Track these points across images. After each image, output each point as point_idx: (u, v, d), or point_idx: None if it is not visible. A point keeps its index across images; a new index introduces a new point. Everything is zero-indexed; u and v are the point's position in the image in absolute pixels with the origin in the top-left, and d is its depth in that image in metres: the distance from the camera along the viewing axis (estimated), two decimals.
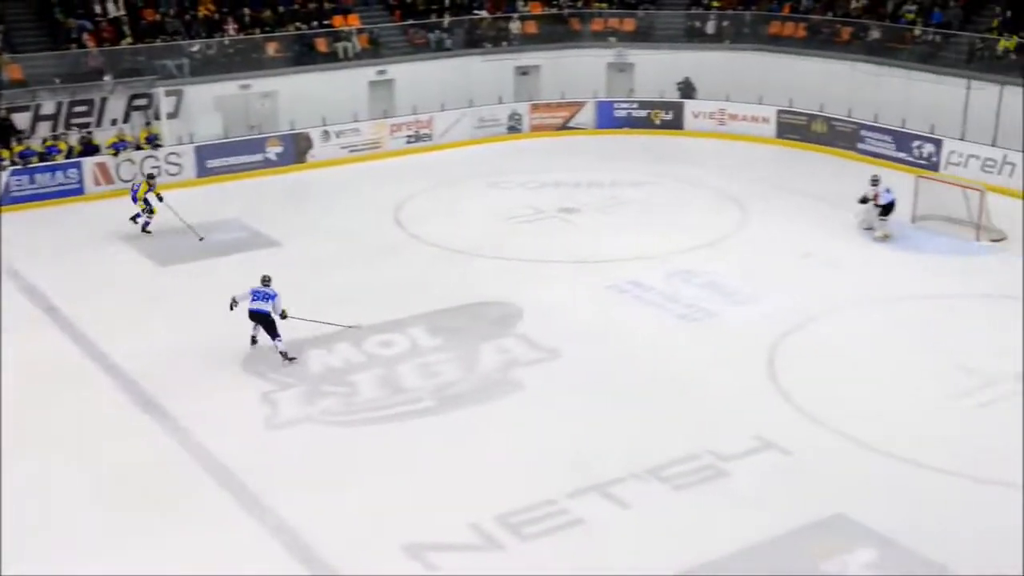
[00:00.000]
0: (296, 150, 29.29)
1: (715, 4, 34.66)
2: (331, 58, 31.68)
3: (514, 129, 32.36)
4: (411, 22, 33.37)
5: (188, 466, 14.40)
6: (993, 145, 26.82)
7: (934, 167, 27.27)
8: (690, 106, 32.47)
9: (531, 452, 14.70)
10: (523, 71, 33.80)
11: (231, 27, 31.02)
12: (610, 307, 19.67)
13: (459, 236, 23.31)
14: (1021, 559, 12.23)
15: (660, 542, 12.72)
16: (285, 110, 30.27)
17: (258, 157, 28.79)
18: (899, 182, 24.62)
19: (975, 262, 21.83)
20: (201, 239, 23.07)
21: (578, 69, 33.65)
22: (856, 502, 13.33)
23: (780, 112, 31.21)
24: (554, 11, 34.92)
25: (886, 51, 30.84)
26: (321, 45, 31.74)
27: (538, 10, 34.94)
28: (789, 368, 17.00)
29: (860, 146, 29.43)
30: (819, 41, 32.51)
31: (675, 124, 32.52)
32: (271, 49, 31.18)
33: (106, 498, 13.66)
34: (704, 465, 14.25)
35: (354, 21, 32.86)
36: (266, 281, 17.43)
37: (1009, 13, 29.07)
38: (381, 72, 32.02)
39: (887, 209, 22.83)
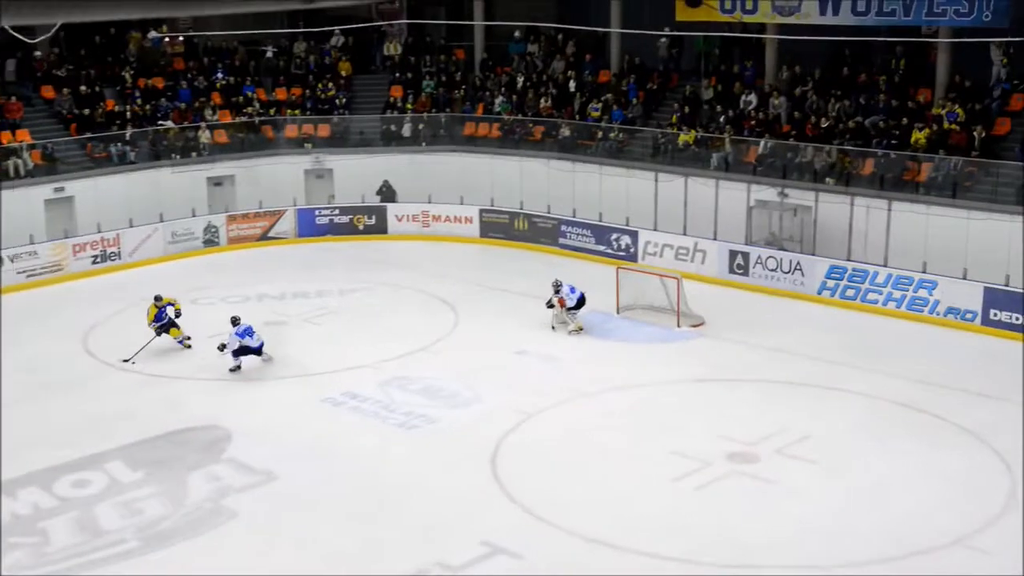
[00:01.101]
0: None
1: (409, 107, 35.50)
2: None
3: (211, 242, 31.66)
4: (89, 135, 32.11)
5: None
6: (684, 234, 28.72)
7: (632, 258, 28.84)
8: (393, 210, 32.92)
9: None
10: (216, 182, 33.18)
11: None
12: (326, 421, 19.38)
13: (158, 359, 22.32)
14: None
15: None
16: None
17: None
18: (601, 274, 25.84)
19: (679, 348, 23.09)
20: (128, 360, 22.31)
21: (275, 177, 33.48)
22: None
23: (482, 211, 32.19)
24: (245, 119, 34.63)
25: (577, 148, 32.56)
26: None
27: (228, 118, 34.52)
28: (512, 468, 17.25)
29: (562, 241, 30.73)
30: (514, 140, 33.88)
31: (379, 228, 32.84)
32: None
33: None
34: None
35: (24, 136, 31.24)
36: (236, 320, 21.71)
37: (686, 109, 31.46)
38: (59, 189, 30.49)
39: (578, 305, 23.84)
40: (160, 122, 33.43)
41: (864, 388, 20.33)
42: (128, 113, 33.19)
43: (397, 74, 36.98)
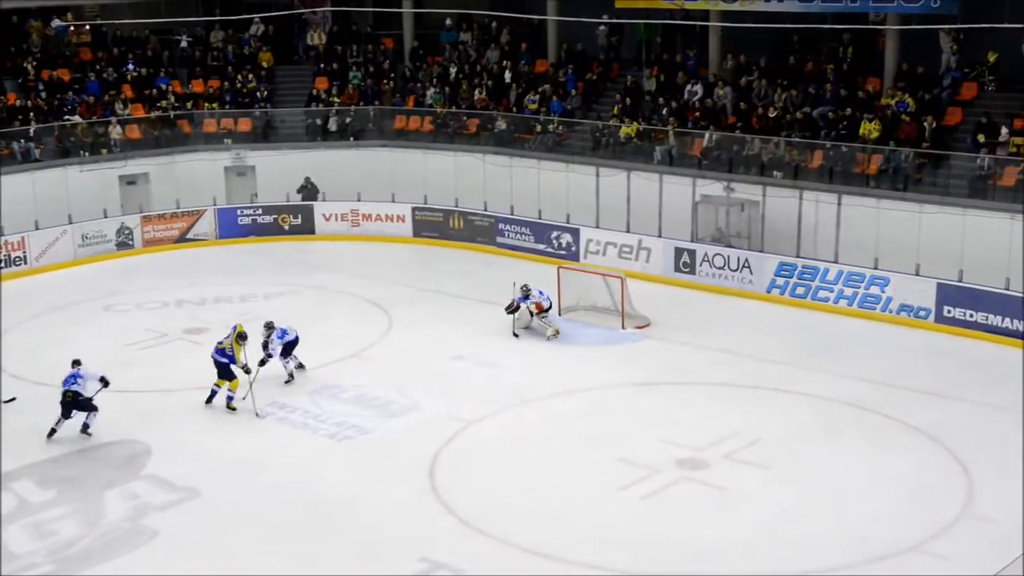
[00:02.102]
0: None
1: (335, 100, 35.35)
2: None
3: (124, 245, 31.28)
4: None
5: None
6: (628, 231, 28.94)
7: (574, 257, 29.01)
8: (320, 208, 32.76)
9: None
10: (129, 180, 32.79)
11: None
12: (252, 433, 19.28)
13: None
14: None
15: None
16: None
17: None
18: (541, 274, 25.96)
19: (625, 350, 23.28)
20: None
21: (193, 175, 33.19)
22: None
23: (415, 209, 32.16)
24: (159, 113, 34.26)
25: (514, 141, 32.66)
26: None
27: (140, 113, 34.15)
28: (451, 480, 17.29)
29: (499, 240, 30.81)
30: (447, 134, 33.90)
31: (306, 228, 32.69)
32: None
33: None
34: None
35: None
36: (271, 325, 21.39)
37: (628, 100, 31.70)
38: None
39: (548, 308, 24.02)
40: (67, 117, 32.98)
41: (816, 389, 20.65)
42: (31, 107, 32.71)
43: (322, 65, 36.84)
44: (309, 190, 33.23)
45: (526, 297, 23.86)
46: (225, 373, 20.04)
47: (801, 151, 27.99)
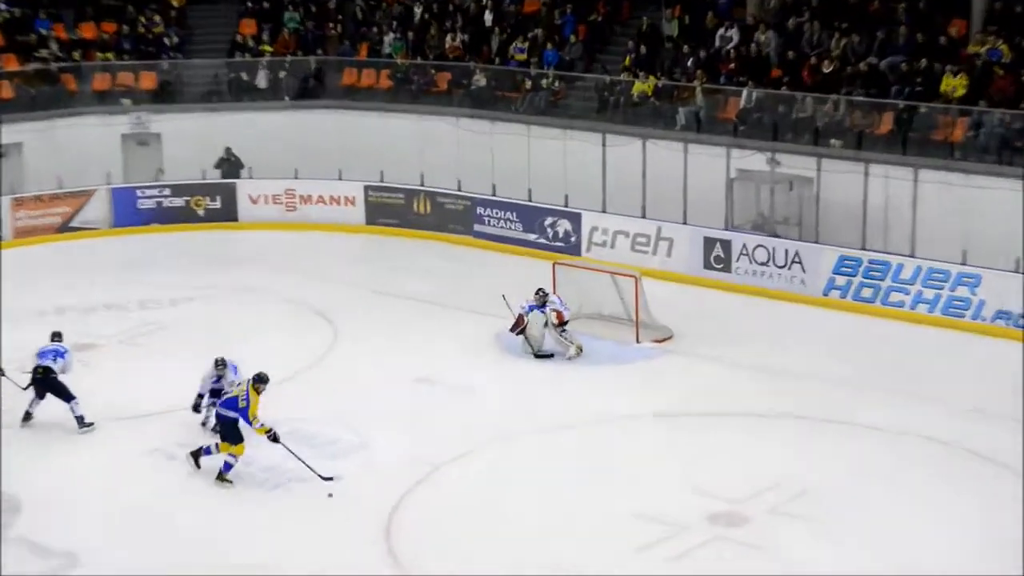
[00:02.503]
0: None
1: (265, 49, 35.19)
2: None
3: None
4: None
5: None
6: (643, 217, 28.82)
7: (574, 250, 29.12)
8: (245, 188, 32.87)
9: None
10: None
11: None
12: (154, 482, 19.01)
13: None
14: None
15: None
16: None
17: None
18: (532, 272, 25.84)
19: (640, 371, 23.21)
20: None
21: (80, 145, 33.35)
22: None
23: (368, 189, 32.22)
24: (38, 66, 34.12)
25: (498, 102, 32.59)
26: None
27: (13, 66, 34.09)
28: (414, 539, 17.04)
29: (478, 228, 30.89)
30: (411, 92, 33.83)
31: (227, 214, 32.87)
32: None
33: None
34: None
35: None
36: (222, 362, 20.39)
37: (643, 49, 31.52)
38: None
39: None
40: None
41: (886, 421, 20.48)
42: None
43: (248, 4, 36.79)
44: (231, 164, 33.29)
45: (543, 305, 23.54)
46: (231, 434, 18.74)
47: (866, 113, 28.01)
